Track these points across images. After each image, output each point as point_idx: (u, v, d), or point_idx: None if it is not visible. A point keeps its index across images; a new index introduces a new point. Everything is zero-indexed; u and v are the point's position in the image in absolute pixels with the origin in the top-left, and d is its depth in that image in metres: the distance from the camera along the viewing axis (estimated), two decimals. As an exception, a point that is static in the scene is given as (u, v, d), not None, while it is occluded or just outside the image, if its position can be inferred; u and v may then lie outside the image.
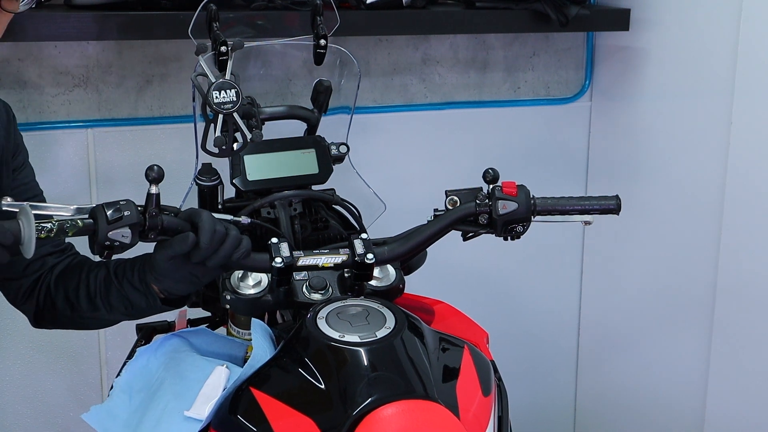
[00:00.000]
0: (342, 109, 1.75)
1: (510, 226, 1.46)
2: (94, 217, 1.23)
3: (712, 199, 2.32)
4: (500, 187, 1.46)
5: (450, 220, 1.46)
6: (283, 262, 1.34)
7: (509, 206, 1.45)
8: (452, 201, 1.47)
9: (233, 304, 1.42)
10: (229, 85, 1.34)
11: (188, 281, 1.36)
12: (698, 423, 2.46)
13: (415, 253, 1.47)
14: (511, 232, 1.47)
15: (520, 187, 1.47)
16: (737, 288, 2.30)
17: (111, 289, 1.45)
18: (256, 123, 1.41)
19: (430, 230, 1.46)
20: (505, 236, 1.48)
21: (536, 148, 2.62)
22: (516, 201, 1.45)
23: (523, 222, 1.46)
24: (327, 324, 1.31)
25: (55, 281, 1.52)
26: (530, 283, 2.77)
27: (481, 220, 1.46)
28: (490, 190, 1.47)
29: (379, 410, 1.21)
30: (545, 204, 1.48)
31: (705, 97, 2.33)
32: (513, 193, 1.45)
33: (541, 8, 2.33)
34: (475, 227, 1.48)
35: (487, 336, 1.57)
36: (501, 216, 1.45)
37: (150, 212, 1.26)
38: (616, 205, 1.51)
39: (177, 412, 1.28)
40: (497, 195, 1.45)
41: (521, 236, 1.48)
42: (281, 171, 1.54)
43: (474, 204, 1.46)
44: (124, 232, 1.23)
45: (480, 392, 1.35)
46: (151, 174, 1.27)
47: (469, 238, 1.52)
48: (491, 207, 1.45)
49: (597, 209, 1.51)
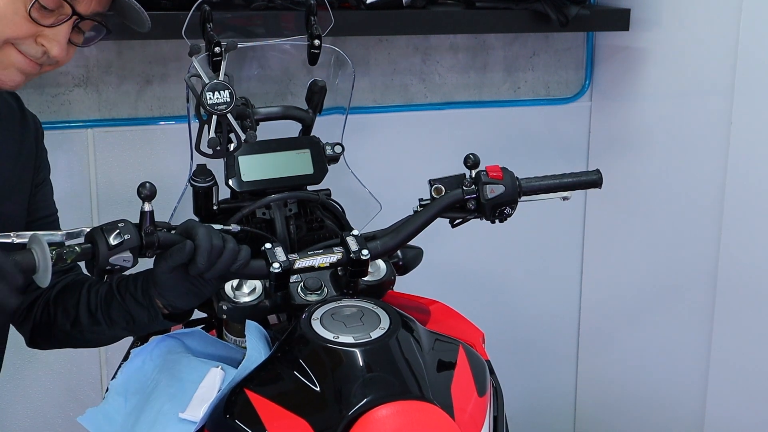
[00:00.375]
0: (337, 110, 1.75)
1: (498, 209, 1.49)
2: (93, 242, 1.21)
3: (712, 199, 2.32)
4: (485, 171, 1.49)
5: (438, 208, 1.48)
6: (281, 267, 1.34)
7: (497, 189, 1.47)
8: (437, 189, 1.49)
9: (230, 313, 1.41)
10: (223, 86, 1.34)
11: (191, 294, 1.35)
12: (698, 422, 2.46)
13: (406, 243, 1.48)
14: (501, 215, 1.50)
15: (504, 169, 1.50)
16: (737, 289, 2.30)
17: (112, 304, 1.44)
18: (251, 124, 1.41)
19: (419, 220, 1.47)
20: (493, 219, 1.50)
21: (536, 148, 2.62)
22: (502, 184, 1.48)
23: (510, 204, 1.49)
24: (321, 325, 1.31)
25: (55, 298, 1.51)
26: (529, 282, 2.77)
27: (469, 205, 1.48)
28: (475, 175, 1.49)
29: (374, 411, 1.21)
30: (530, 184, 1.52)
31: (705, 97, 2.33)
32: (499, 176, 1.48)
33: (541, 8, 2.33)
34: (463, 213, 1.50)
35: (483, 336, 1.57)
36: (489, 200, 1.47)
37: (145, 230, 1.25)
38: (598, 179, 1.55)
39: (172, 413, 1.29)
40: (483, 179, 1.48)
41: (508, 218, 1.51)
42: (276, 171, 1.54)
43: (461, 190, 1.48)
44: (125, 256, 1.22)
45: (475, 392, 1.35)
46: (144, 191, 1.26)
47: (457, 225, 1.54)
48: (478, 192, 1.47)
49: (580, 184, 1.55)
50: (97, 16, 1.36)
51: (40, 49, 1.32)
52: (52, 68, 1.38)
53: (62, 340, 1.54)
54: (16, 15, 1.28)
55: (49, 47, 1.31)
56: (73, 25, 1.33)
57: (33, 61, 1.33)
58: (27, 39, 1.31)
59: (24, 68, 1.34)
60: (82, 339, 1.51)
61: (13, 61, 1.32)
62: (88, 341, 1.52)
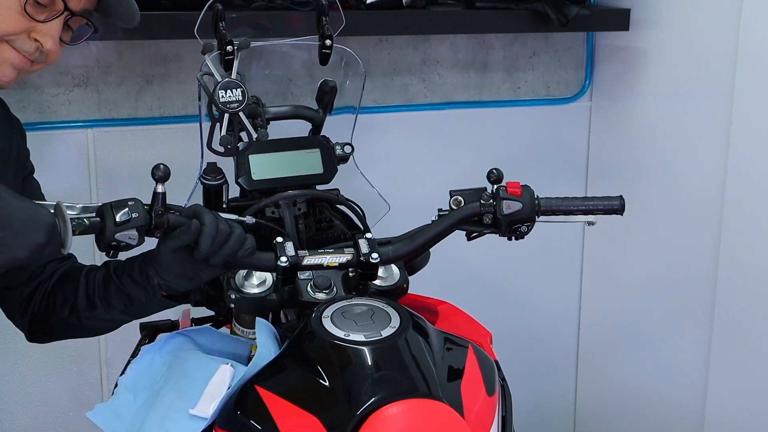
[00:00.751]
0: (347, 109, 1.75)
1: (514, 226, 1.47)
2: (102, 216, 1.23)
3: (712, 199, 2.32)
4: (504, 187, 1.47)
5: (454, 220, 1.47)
6: (288, 262, 1.34)
7: (514, 206, 1.45)
8: (456, 201, 1.48)
9: (238, 303, 1.42)
10: (235, 84, 1.35)
11: (189, 277, 1.37)
12: (698, 423, 2.47)
13: (419, 252, 1.47)
14: (516, 232, 1.48)
15: (524, 187, 1.48)
16: (737, 288, 2.30)
17: (110, 287, 1.45)
18: (262, 122, 1.41)
19: (434, 230, 1.46)
20: (509, 236, 1.48)
21: (536, 148, 2.62)
22: (520, 201, 1.46)
23: (527, 222, 1.47)
24: (332, 323, 1.31)
25: (53, 286, 1.52)
26: (531, 284, 2.77)
27: (485, 220, 1.46)
28: (495, 190, 1.47)
29: (384, 409, 1.21)
30: (549, 204, 1.49)
31: (705, 97, 2.33)
32: (517, 193, 1.46)
33: (541, 8, 2.34)
34: (479, 227, 1.48)
35: (491, 336, 1.58)
36: (505, 216, 1.45)
37: (156, 211, 1.26)
38: (620, 206, 1.52)
39: (182, 410, 1.28)
40: (501, 195, 1.46)
41: (525, 236, 1.49)
42: (286, 171, 1.54)
43: (478, 204, 1.46)
44: (131, 234, 1.24)
45: (484, 392, 1.35)
46: (158, 173, 1.28)
47: (473, 238, 1.52)
48: (495, 207, 1.45)
49: (601, 210, 1.52)
50: (86, 13, 1.42)
51: (33, 44, 1.38)
52: (41, 66, 1.43)
53: (61, 330, 1.55)
54: (10, 10, 1.35)
55: (43, 41, 1.37)
56: (65, 21, 1.39)
57: (26, 57, 1.39)
58: (21, 34, 1.37)
59: (17, 64, 1.39)
60: (79, 326, 1.52)
61: (7, 57, 1.38)
62: (85, 329, 1.53)
